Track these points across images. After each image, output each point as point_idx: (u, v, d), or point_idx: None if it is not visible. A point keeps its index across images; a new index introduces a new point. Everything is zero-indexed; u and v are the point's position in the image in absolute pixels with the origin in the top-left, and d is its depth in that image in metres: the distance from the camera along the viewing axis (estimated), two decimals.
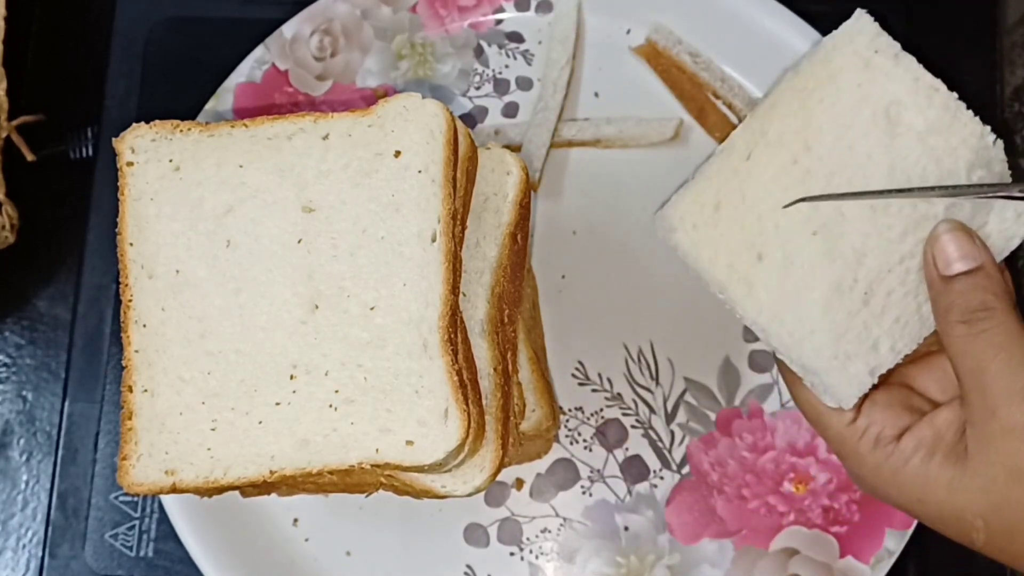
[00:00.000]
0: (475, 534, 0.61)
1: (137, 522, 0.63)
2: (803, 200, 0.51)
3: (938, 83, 0.53)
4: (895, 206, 0.51)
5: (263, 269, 0.51)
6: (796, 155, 0.52)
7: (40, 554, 0.63)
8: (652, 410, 0.62)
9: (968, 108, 0.52)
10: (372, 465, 0.49)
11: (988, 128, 0.52)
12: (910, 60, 0.53)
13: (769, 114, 0.53)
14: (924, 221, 0.51)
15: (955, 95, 0.53)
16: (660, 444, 0.62)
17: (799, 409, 0.54)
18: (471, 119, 0.66)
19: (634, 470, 0.61)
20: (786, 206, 0.52)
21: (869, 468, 0.51)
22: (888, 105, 0.52)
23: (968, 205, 0.51)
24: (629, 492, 0.61)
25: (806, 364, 0.51)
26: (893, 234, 0.51)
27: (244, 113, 0.65)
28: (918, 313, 0.51)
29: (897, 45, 0.53)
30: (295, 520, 0.61)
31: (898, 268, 0.51)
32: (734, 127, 0.65)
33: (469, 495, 0.52)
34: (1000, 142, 0.52)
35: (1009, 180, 0.52)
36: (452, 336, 0.49)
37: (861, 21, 0.53)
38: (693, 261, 0.52)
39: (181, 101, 0.64)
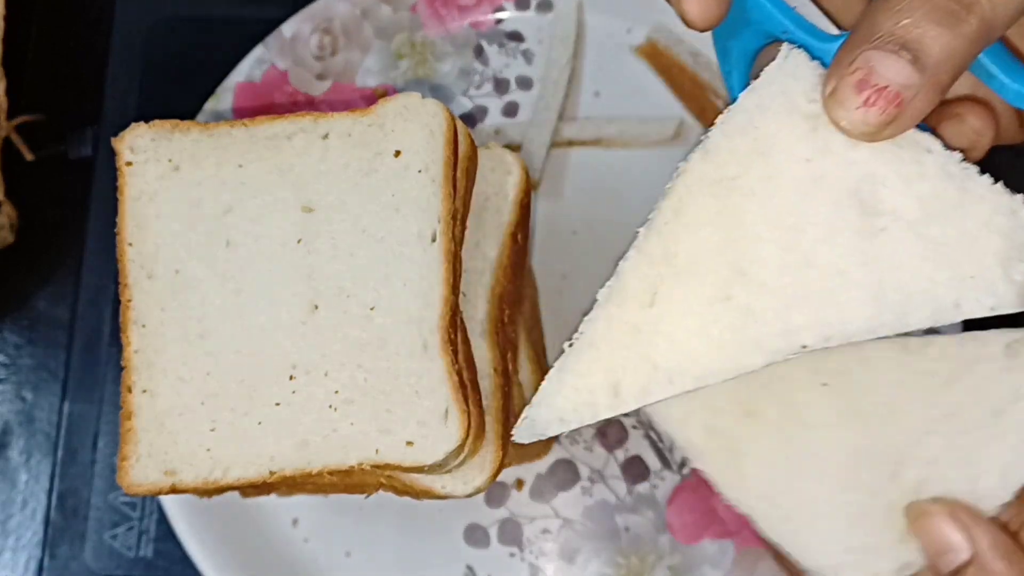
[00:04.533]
0: (475, 535, 0.61)
1: (136, 522, 0.63)
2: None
3: (930, 139, 0.34)
4: (936, 345, 0.37)
5: (263, 269, 0.51)
6: (727, 287, 0.34)
7: (39, 554, 0.63)
8: None
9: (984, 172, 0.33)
10: (372, 466, 0.48)
11: (1020, 197, 0.34)
12: None
13: (673, 226, 0.34)
14: (979, 363, 0.37)
15: (958, 155, 0.34)
16: (660, 444, 0.62)
17: None
18: (471, 119, 0.66)
19: (635, 470, 0.61)
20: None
21: None
22: (857, 184, 0.34)
23: None
24: (630, 492, 0.61)
25: (808, 560, 0.38)
26: (936, 382, 0.37)
27: (244, 113, 0.65)
28: (973, 490, 0.36)
29: None
30: (295, 520, 0.61)
31: (943, 428, 0.37)
32: None
33: (469, 495, 0.52)
34: None
35: None
36: (452, 336, 0.49)
37: (793, 61, 0.34)
38: (662, 424, 0.38)
39: (181, 101, 0.64)
